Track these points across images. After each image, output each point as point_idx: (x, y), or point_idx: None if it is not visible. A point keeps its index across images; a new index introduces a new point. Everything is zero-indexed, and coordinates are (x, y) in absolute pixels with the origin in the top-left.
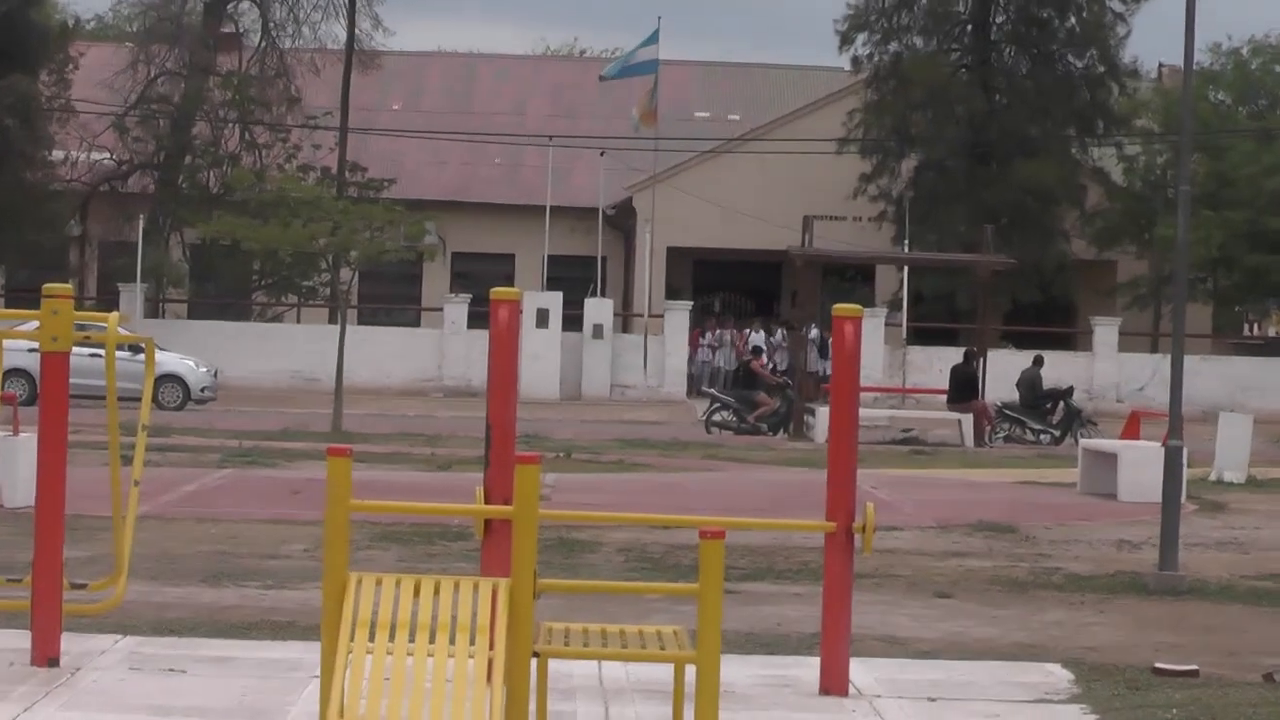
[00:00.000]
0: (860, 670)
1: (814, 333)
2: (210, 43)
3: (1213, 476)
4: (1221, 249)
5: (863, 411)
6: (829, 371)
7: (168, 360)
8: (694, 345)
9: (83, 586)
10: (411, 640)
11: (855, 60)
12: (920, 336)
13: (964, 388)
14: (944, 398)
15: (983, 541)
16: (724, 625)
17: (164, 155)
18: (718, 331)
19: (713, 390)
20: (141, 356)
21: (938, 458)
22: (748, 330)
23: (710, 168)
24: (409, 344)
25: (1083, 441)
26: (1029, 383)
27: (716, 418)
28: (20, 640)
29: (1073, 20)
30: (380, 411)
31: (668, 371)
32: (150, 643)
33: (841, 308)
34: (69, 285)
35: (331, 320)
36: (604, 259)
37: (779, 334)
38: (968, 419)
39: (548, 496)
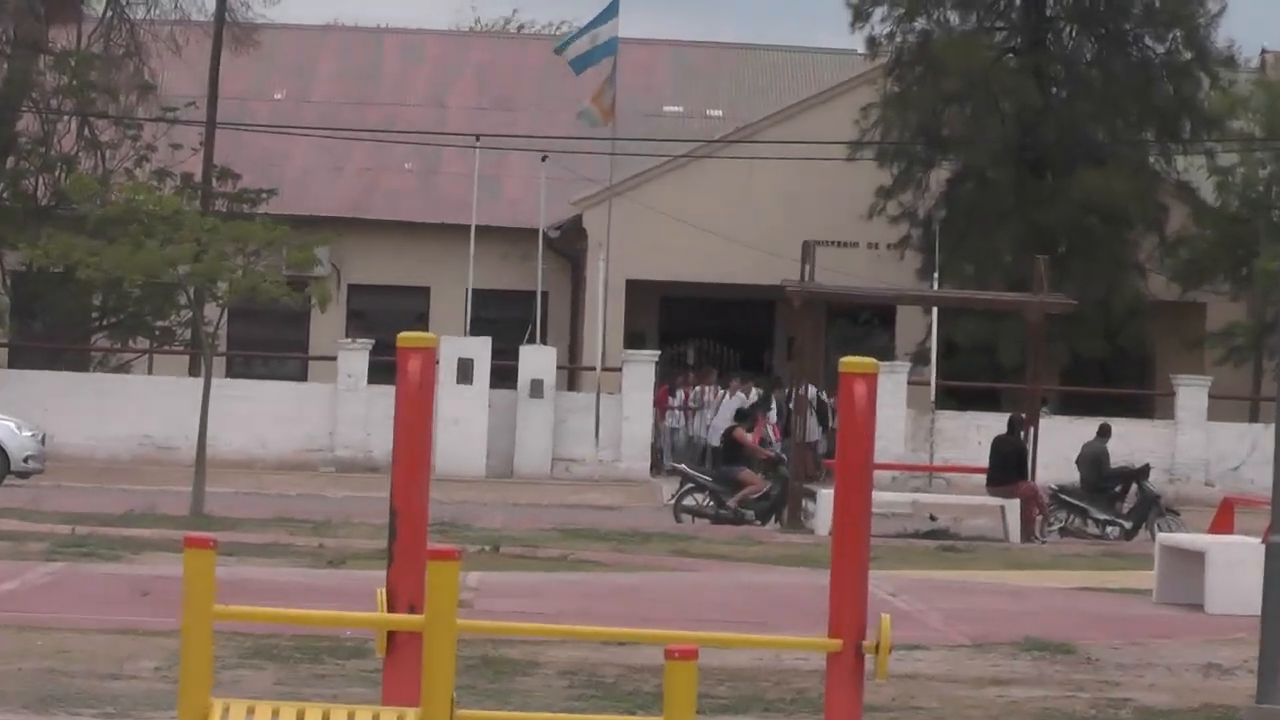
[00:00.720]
0: None
1: (813, 392)
2: (40, 11)
3: None
4: None
5: (878, 495)
6: (833, 443)
7: None
8: (662, 407)
9: None
10: None
11: (872, 41)
12: (953, 399)
13: (1009, 465)
14: (983, 478)
15: (1031, 665)
16: None
17: None
18: (693, 390)
19: (684, 466)
20: None
21: (974, 555)
22: (728, 388)
23: (683, 178)
24: (292, 402)
25: (1160, 536)
26: (1093, 459)
27: (689, 501)
28: None
29: None
30: (255, 489)
31: (627, 441)
32: None
33: (851, 361)
34: None
35: (193, 371)
36: (545, 295)
37: (775, 395)
38: (1013, 505)
39: (470, 602)
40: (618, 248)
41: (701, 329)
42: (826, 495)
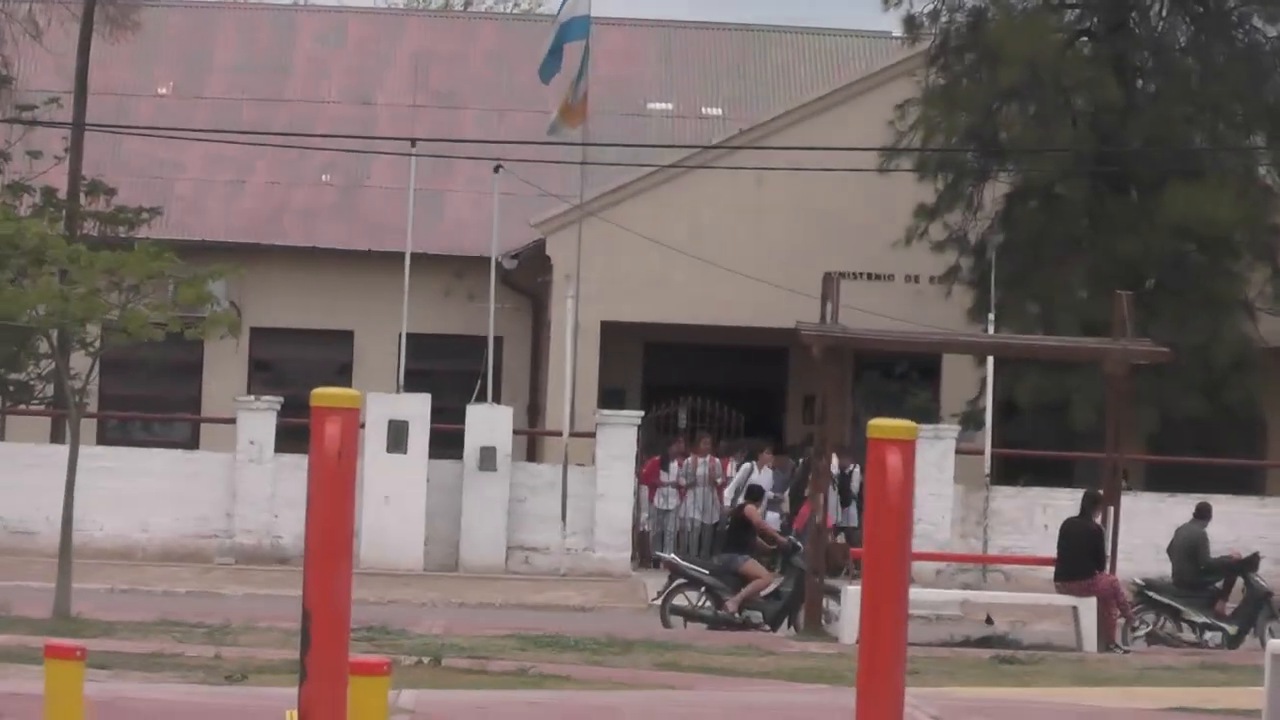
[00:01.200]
0: None
1: (837, 465)
2: None
3: None
4: None
5: (917, 593)
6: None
7: None
8: (650, 482)
9: None
10: None
11: (910, 22)
12: (1013, 470)
13: (1083, 555)
14: (1050, 571)
15: None
16: None
17: None
18: (687, 461)
19: (673, 556)
20: None
21: (1040, 668)
22: (756, 460)
23: (673, 194)
24: (181, 476)
25: (1272, 643)
26: (1189, 547)
27: (680, 600)
28: None
29: None
30: (134, 584)
31: (602, 525)
32: None
33: (883, 425)
34: None
35: (56, 437)
36: (499, 341)
37: (790, 465)
38: (1088, 605)
39: None
40: (591, 281)
41: (696, 384)
42: (853, 593)
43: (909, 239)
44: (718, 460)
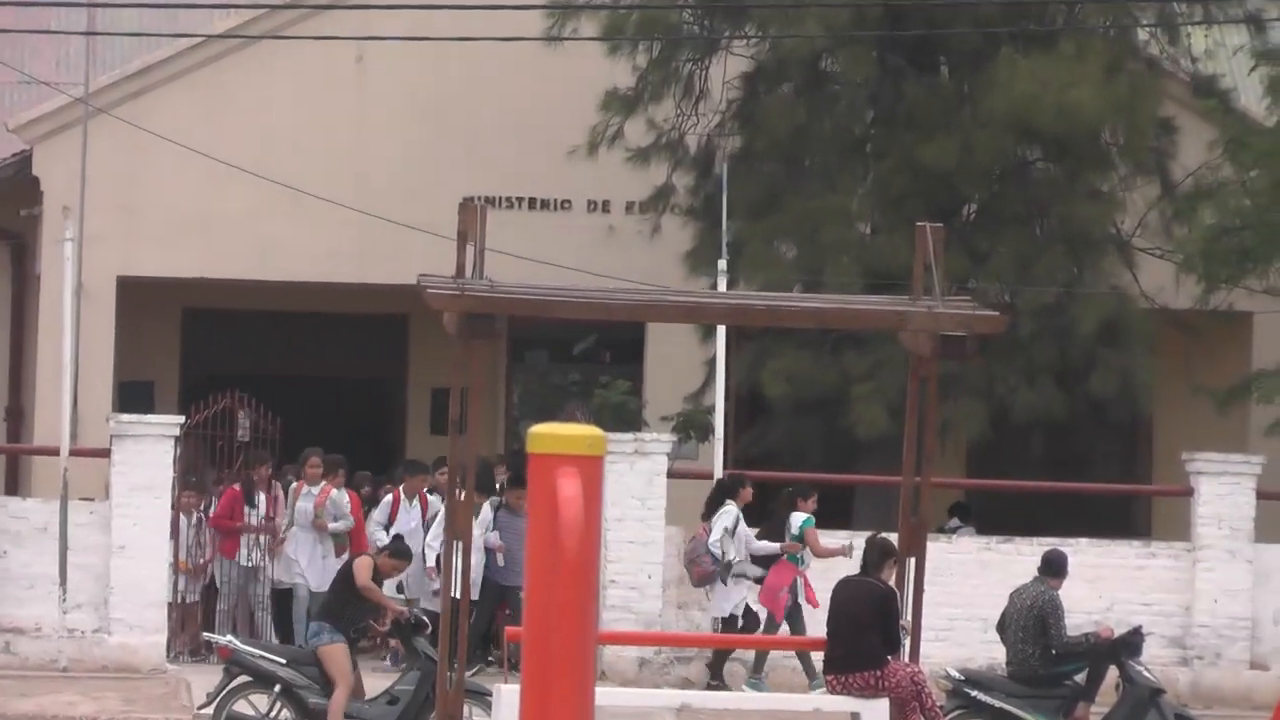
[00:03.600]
0: None
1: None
2: None
3: None
4: None
5: (613, 694)
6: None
7: None
8: (226, 526)
9: None
10: None
11: None
12: (765, 502)
13: (867, 632)
14: (820, 657)
15: None
16: None
17: None
18: (264, 491)
19: (232, 640)
20: None
21: None
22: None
23: (226, 81)
24: None
25: None
26: (1033, 620)
27: (241, 708)
28: None
29: None
30: None
31: (123, 593)
32: None
33: (550, 434)
34: None
35: None
36: None
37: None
38: (877, 710)
39: None
40: (102, 216)
41: (265, 373)
42: (509, 695)
43: (593, 146)
44: (337, 491)
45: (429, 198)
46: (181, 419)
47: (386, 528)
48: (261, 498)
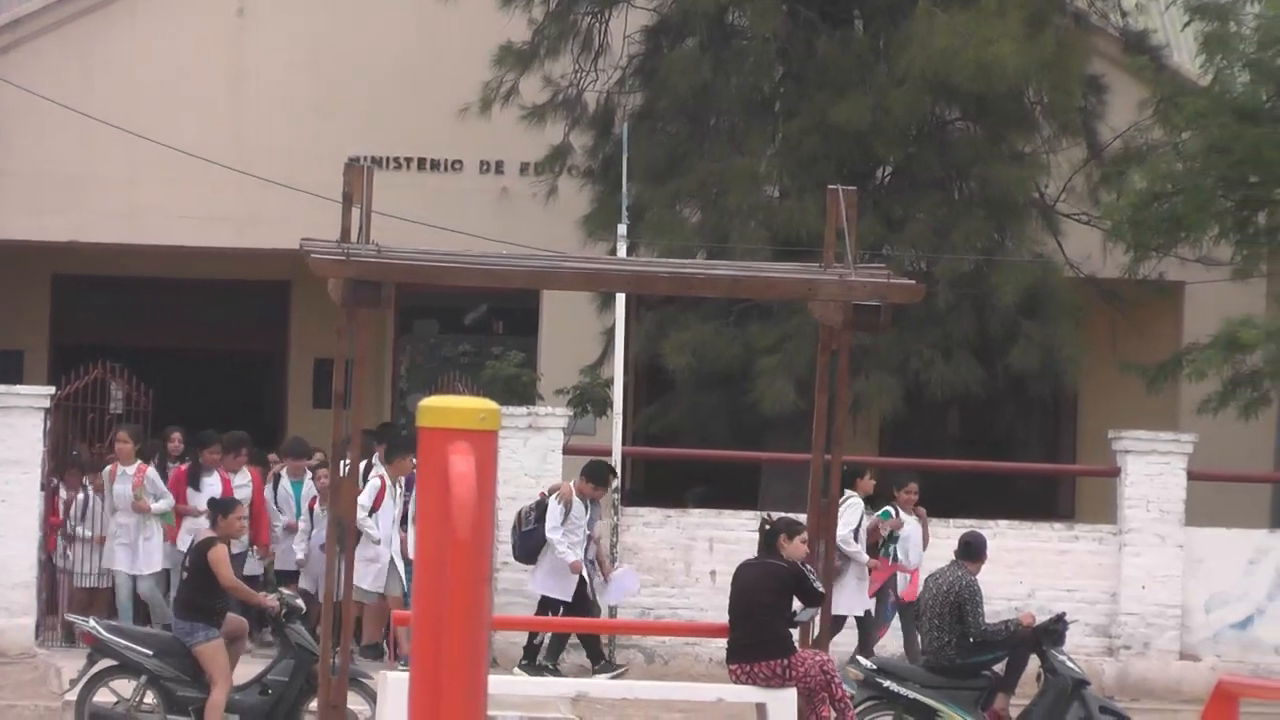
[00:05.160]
0: None
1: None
2: None
3: None
4: None
5: (506, 683)
6: None
7: None
8: (54, 506)
9: None
10: None
11: None
12: (664, 481)
13: (771, 618)
14: (720, 644)
15: None
16: None
17: None
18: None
19: (94, 624)
20: None
21: None
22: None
23: (100, 32)
24: None
25: None
26: (949, 606)
27: (103, 699)
28: None
29: None
30: None
31: None
32: None
33: (441, 406)
34: None
35: None
36: None
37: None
38: (783, 701)
39: None
40: None
41: (138, 343)
42: (395, 683)
43: (486, 103)
44: (153, 469)
45: (313, 158)
46: (51, 390)
47: (372, 512)
48: (217, 478)
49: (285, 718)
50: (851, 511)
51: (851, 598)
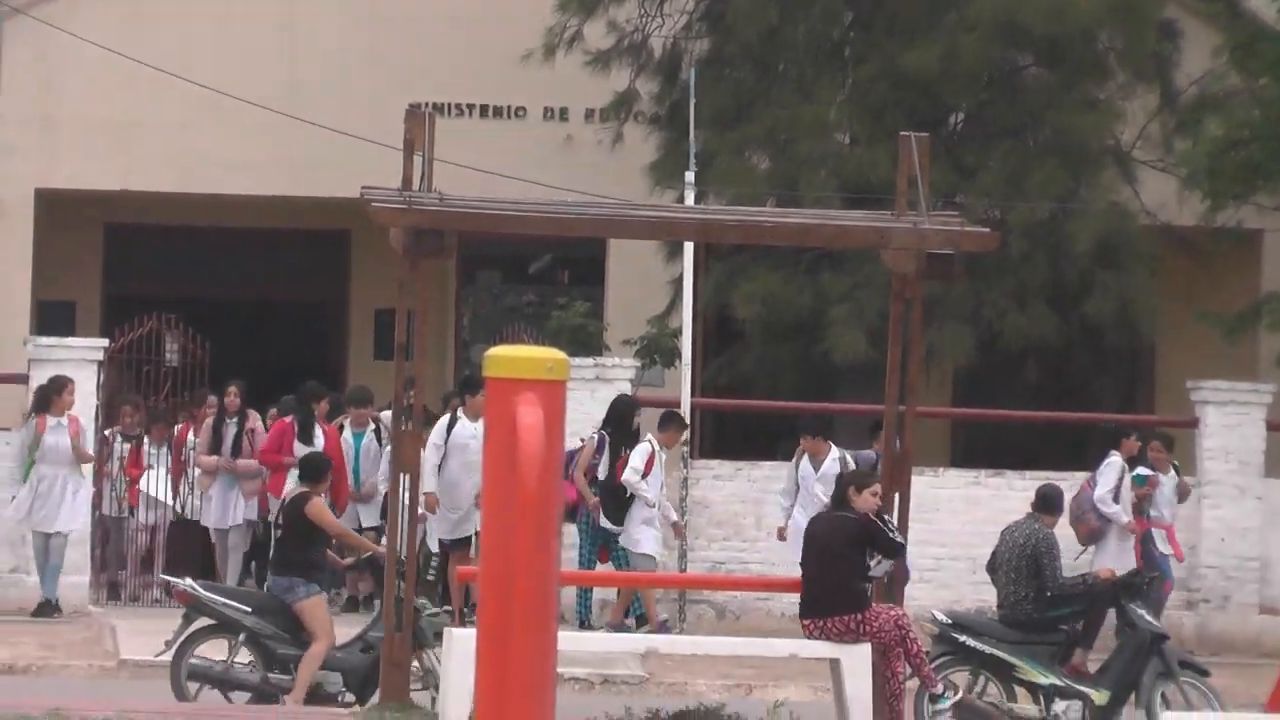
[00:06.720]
0: None
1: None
2: None
3: None
4: None
5: (575, 638)
6: None
7: None
8: (136, 465)
9: None
10: None
11: None
12: (735, 434)
13: (845, 573)
14: (793, 600)
15: None
16: None
17: None
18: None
19: (191, 584)
20: None
21: None
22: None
23: None
24: None
25: (1167, 717)
26: (1026, 560)
27: (197, 661)
28: None
29: None
30: None
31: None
32: None
33: (507, 356)
34: None
35: None
36: None
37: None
38: (857, 657)
39: None
40: (18, 126)
41: (193, 295)
42: (462, 639)
43: (550, 49)
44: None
45: (373, 105)
46: (105, 342)
47: (644, 476)
48: (320, 432)
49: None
50: (1110, 472)
51: (1113, 559)
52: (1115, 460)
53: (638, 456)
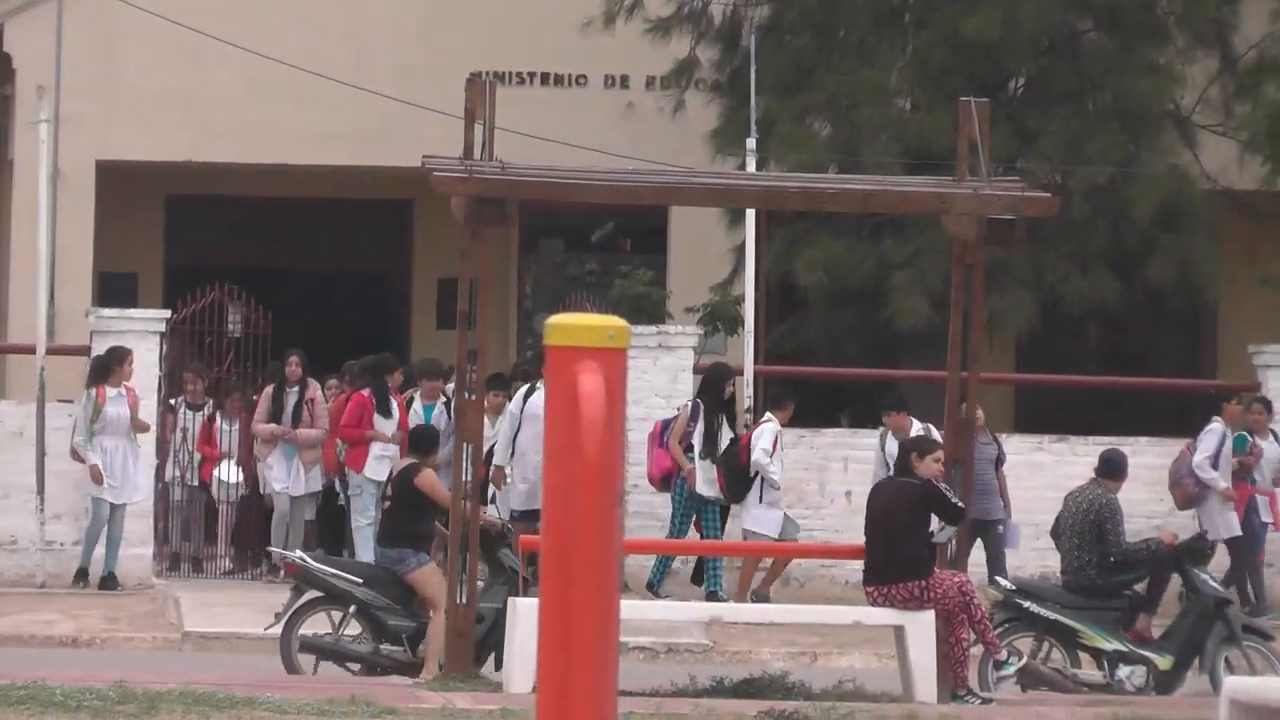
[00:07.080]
0: None
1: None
2: None
3: None
4: None
5: (638, 607)
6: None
7: None
8: (208, 442)
9: None
10: None
11: None
12: (798, 402)
13: (908, 539)
14: (856, 566)
15: None
16: None
17: None
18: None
19: (302, 556)
20: None
21: None
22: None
23: None
24: None
25: (1231, 684)
26: (1090, 526)
27: (309, 632)
28: None
29: None
30: None
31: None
32: None
33: (569, 325)
34: None
35: None
36: None
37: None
38: (921, 624)
39: None
40: (79, 96)
41: (254, 265)
42: (526, 608)
43: (610, 16)
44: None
45: (433, 74)
46: (167, 313)
47: (771, 455)
48: (395, 405)
49: (499, 645)
50: (1210, 438)
51: (1216, 523)
52: (1216, 426)
53: (765, 437)
